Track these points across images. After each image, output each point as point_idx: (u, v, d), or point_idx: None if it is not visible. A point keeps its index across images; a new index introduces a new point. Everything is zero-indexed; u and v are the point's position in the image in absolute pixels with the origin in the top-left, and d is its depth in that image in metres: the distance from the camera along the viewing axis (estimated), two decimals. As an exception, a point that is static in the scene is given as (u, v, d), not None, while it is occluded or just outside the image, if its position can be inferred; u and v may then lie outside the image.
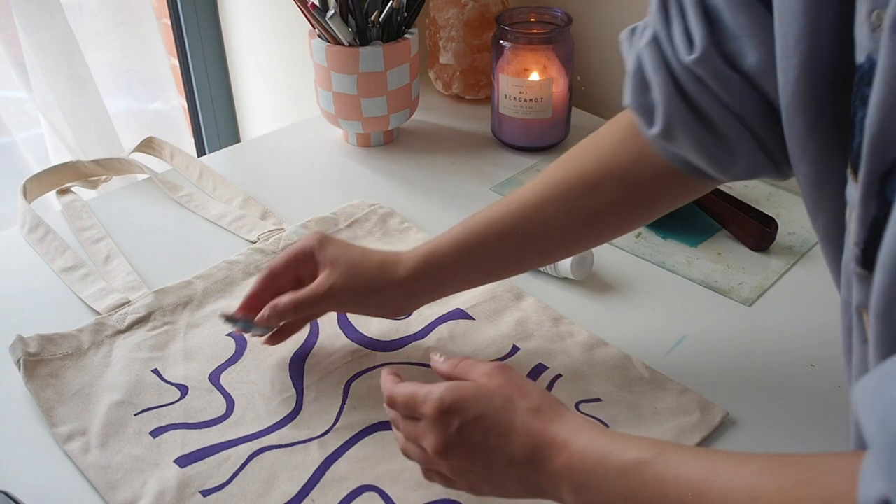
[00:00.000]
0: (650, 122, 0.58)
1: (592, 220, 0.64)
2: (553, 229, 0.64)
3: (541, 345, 0.71)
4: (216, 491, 0.58)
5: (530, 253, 0.66)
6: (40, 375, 0.66)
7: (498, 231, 0.64)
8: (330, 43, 0.95)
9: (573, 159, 0.64)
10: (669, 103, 0.56)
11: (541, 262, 0.68)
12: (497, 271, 0.67)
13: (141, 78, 1.41)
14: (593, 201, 0.63)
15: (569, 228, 0.64)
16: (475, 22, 1.09)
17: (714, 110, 0.55)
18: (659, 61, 0.55)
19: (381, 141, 1.05)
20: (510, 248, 0.65)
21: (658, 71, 0.55)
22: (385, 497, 0.58)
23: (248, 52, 1.35)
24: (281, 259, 0.66)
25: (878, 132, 0.36)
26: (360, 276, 0.64)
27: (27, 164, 1.29)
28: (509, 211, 0.64)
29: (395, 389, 0.54)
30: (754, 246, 0.84)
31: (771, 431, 0.63)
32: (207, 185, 0.95)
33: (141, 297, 0.75)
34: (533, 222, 0.64)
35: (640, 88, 0.58)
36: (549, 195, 0.63)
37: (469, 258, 0.65)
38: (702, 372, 0.69)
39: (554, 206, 0.63)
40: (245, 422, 0.64)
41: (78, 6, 1.28)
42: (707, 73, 0.53)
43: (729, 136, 0.56)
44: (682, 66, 0.54)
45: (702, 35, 0.52)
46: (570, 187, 0.63)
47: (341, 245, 0.66)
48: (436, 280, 0.65)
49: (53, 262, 0.81)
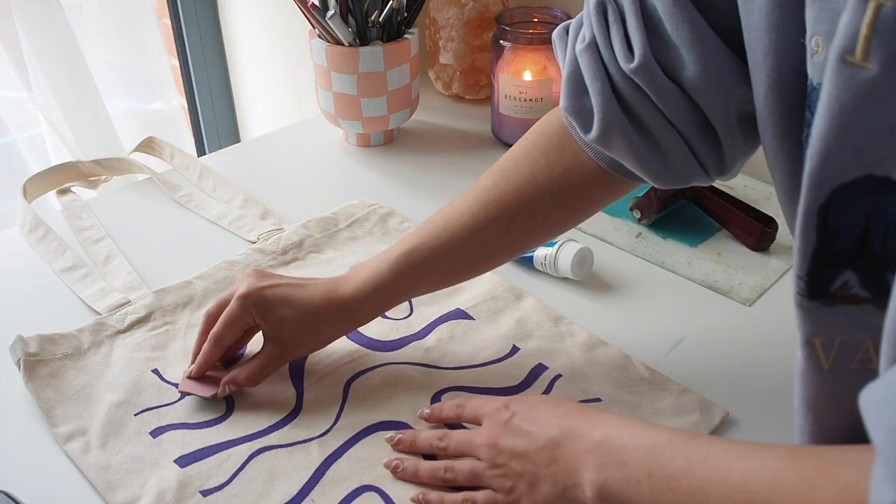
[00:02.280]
0: (586, 127, 0.58)
1: (529, 232, 0.65)
2: (492, 247, 0.65)
3: (541, 345, 0.71)
4: (216, 491, 0.58)
5: (471, 272, 0.68)
6: (40, 375, 0.66)
7: (440, 258, 0.64)
8: (330, 43, 0.95)
9: (506, 174, 0.64)
10: (606, 110, 0.55)
11: (479, 274, 0.69)
12: (436, 289, 0.68)
13: (141, 78, 1.41)
14: (530, 215, 0.63)
15: (507, 243, 0.65)
16: (475, 22, 1.09)
17: (650, 118, 0.55)
18: (597, 67, 0.55)
19: (381, 141, 1.05)
20: (452, 270, 0.66)
21: (596, 77, 0.55)
22: (385, 497, 0.58)
23: (248, 52, 1.35)
24: (223, 327, 0.64)
25: (818, 164, 0.36)
26: (306, 325, 0.64)
27: (27, 164, 1.29)
28: (450, 237, 0.64)
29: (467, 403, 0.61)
30: (754, 246, 0.84)
31: (771, 431, 0.63)
32: (207, 185, 0.95)
33: (141, 297, 0.75)
34: (473, 244, 0.64)
35: (576, 93, 0.57)
36: (486, 215, 0.63)
37: (412, 286, 0.65)
38: (702, 372, 0.69)
39: (493, 226, 0.63)
40: (245, 422, 0.64)
41: (78, 6, 1.28)
42: (645, 81, 0.53)
43: (663, 143, 0.56)
44: (620, 74, 0.54)
45: (641, 43, 0.52)
46: (507, 205, 0.63)
47: (277, 303, 0.63)
48: (378, 305, 0.65)
49: (53, 262, 0.81)
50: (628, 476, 0.48)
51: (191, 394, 0.65)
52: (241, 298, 0.63)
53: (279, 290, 0.64)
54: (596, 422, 0.52)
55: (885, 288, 0.37)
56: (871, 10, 0.33)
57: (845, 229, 0.37)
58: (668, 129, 0.55)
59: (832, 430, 0.43)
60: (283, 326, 0.64)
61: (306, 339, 0.65)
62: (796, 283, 0.40)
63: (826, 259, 0.38)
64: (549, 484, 0.52)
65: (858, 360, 0.39)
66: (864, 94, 0.34)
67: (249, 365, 0.65)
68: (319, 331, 0.65)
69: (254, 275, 0.65)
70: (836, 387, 0.41)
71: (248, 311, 0.63)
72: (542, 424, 0.54)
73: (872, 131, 0.34)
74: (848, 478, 0.37)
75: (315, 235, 0.85)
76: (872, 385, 0.32)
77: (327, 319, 0.64)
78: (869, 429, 0.32)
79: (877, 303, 0.38)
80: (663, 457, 0.47)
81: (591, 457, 0.50)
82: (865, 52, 0.33)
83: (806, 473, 0.40)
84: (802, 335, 0.41)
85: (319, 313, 0.64)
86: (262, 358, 0.65)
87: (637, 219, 0.88)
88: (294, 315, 0.63)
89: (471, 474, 0.56)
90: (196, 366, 0.66)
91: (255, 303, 0.63)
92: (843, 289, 0.38)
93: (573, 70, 0.57)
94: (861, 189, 0.35)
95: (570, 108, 0.58)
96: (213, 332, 0.65)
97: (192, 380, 0.66)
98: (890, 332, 0.32)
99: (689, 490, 0.44)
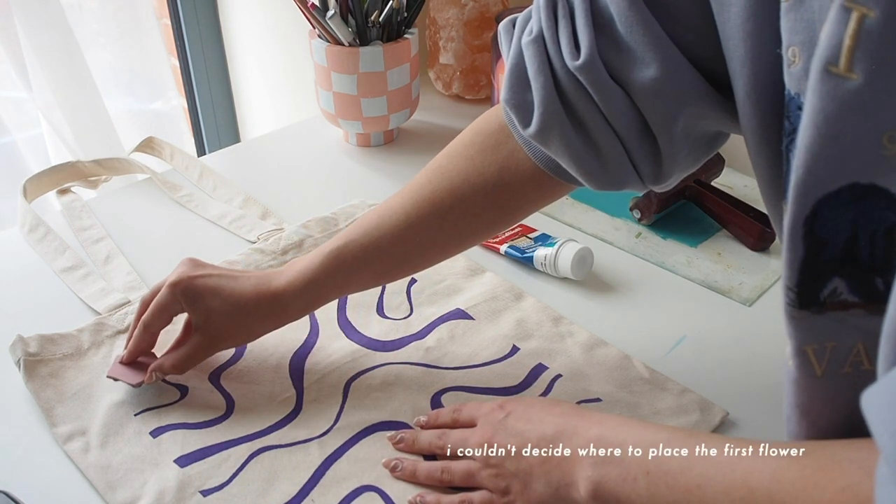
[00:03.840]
0: (525, 121, 0.57)
1: (461, 231, 0.64)
2: (424, 245, 0.64)
3: (541, 345, 0.71)
4: (216, 491, 0.58)
5: (404, 270, 0.67)
6: (40, 375, 0.66)
7: (372, 255, 0.64)
8: (330, 43, 0.95)
9: (440, 171, 0.64)
10: (547, 106, 0.55)
11: (412, 273, 0.69)
12: (369, 286, 0.68)
13: (141, 78, 1.41)
14: (462, 213, 0.63)
15: (439, 242, 0.65)
16: (475, 22, 1.09)
17: (590, 118, 0.54)
18: (541, 62, 0.54)
19: (381, 141, 1.05)
20: (384, 267, 0.65)
21: (540, 72, 0.54)
22: (385, 497, 0.58)
23: (248, 52, 1.35)
24: (152, 314, 0.64)
25: (803, 176, 0.36)
26: (234, 317, 0.64)
27: (27, 164, 1.29)
28: (382, 234, 0.63)
29: (463, 407, 0.61)
30: (754, 246, 0.84)
31: (771, 431, 0.63)
32: (207, 185, 0.95)
33: (141, 296, 0.75)
34: (405, 242, 0.64)
35: (518, 86, 0.56)
36: (419, 212, 0.63)
37: (344, 283, 0.65)
38: (702, 372, 0.69)
39: (426, 223, 0.63)
40: (245, 422, 0.64)
41: (78, 6, 1.28)
42: (589, 80, 0.52)
43: (601, 145, 0.55)
44: (564, 70, 0.53)
45: (588, 42, 0.51)
46: (440, 201, 0.63)
47: (206, 293, 0.63)
48: (309, 301, 0.65)
49: (53, 262, 0.81)
50: (625, 473, 0.48)
51: (119, 380, 0.65)
52: (170, 286, 0.63)
53: (209, 281, 0.64)
54: (592, 420, 0.52)
55: (875, 292, 0.37)
56: (854, 20, 0.33)
57: (832, 238, 0.37)
58: (606, 131, 0.54)
59: (828, 433, 0.43)
60: (211, 317, 0.63)
61: (234, 331, 0.65)
62: (785, 294, 0.40)
63: (814, 269, 0.38)
64: (543, 482, 0.52)
65: (850, 363, 0.39)
66: (848, 104, 0.34)
67: (176, 353, 0.65)
68: (247, 323, 0.64)
69: (188, 263, 0.65)
70: (830, 391, 0.41)
71: (176, 298, 0.63)
72: (536, 423, 0.54)
73: (857, 140, 0.34)
74: (850, 476, 0.37)
75: (315, 235, 0.85)
76: (874, 387, 0.32)
77: (256, 312, 0.64)
78: (873, 431, 0.32)
79: (867, 307, 0.38)
80: (662, 454, 0.47)
81: (586, 454, 0.50)
82: (849, 63, 0.33)
83: (807, 471, 0.40)
84: (794, 345, 0.41)
85: (248, 306, 0.63)
86: (189, 347, 0.64)
87: (637, 219, 0.88)
88: (222, 306, 0.63)
89: (466, 475, 0.56)
90: (127, 352, 0.66)
91: (183, 291, 0.63)
92: (833, 296, 0.38)
93: (517, 63, 0.56)
94: (846, 197, 0.35)
95: (511, 100, 0.57)
96: (143, 318, 0.65)
97: (123, 365, 0.66)
98: (889, 334, 0.32)
99: (688, 487, 0.44)
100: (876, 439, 0.31)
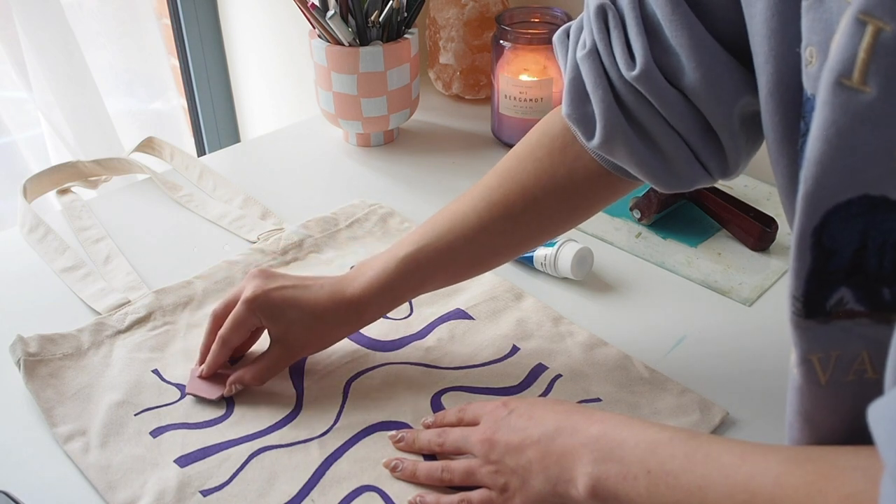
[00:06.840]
0: (589, 134, 0.58)
1: (533, 231, 0.65)
2: (497, 246, 0.65)
3: (541, 345, 0.71)
4: (216, 491, 0.58)
5: (475, 270, 0.68)
6: (40, 375, 0.66)
7: (446, 258, 0.64)
8: (330, 43, 0.95)
9: (510, 174, 0.64)
10: (609, 117, 0.55)
11: (482, 273, 0.69)
12: (440, 287, 0.68)
13: (141, 78, 1.41)
14: (535, 214, 0.64)
15: (511, 243, 0.66)
16: (475, 22, 1.09)
17: (653, 124, 0.55)
18: (598, 74, 0.55)
19: (381, 141, 1.05)
20: (457, 269, 0.66)
21: (598, 85, 0.55)
22: (385, 497, 0.58)
23: (248, 52, 1.35)
24: (230, 330, 0.64)
25: (812, 187, 0.36)
26: (313, 327, 0.64)
27: (27, 164, 1.29)
28: (455, 237, 0.64)
29: (468, 407, 0.61)
30: (754, 246, 0.84)
31: (771, 431, 0.63)
32: (207, 185, 0.95)
33: (141, 297, 0.75)
34: (478, 244, 0.64)
35: (578, 100, 0.57)
36: (492, 215, 0.64)
37: (418, 285, 0.66)
38: (702, 372, 0.69)
39: (499, 226, 0.64)
40: (245, 422, 0.64)
41: (78, 6, 1.28)
42: (647, 88, 0.53)
43: (667, 149, 0.56)
44: (622, 81, 0.54)
45: (643, 50, 0.52)
46: (512, 204, 0.63)
47: (285, 306, 0.63)
48: (384, 305, 0.66)
49: (53, 262, 0.81)
50: (625, 472, 0.48)
51: (198, 396, 0.65)
52: (247, 302, 0.63)
53: (286, 293, 0.64)
54: (594, 419, 0.52)
55: (881, 301, 0.37)
56: (869, 34, 0.32)
57: (840, 248, 0.37)
58: (670, 135, 0.55)
59: (830, 441, 0.43)
60: (291, 329, 0.64)
61: (313, 340, 0.66)
62: (791, 303, 0.40)
63: (821, 279, 0.38)
64: (542, 479, 0.52)
65: (854, 371, 0.39)
66: (861, 117, 0.33)
67: (256, 365, 0.65)
68: (325, 331, 0.65)
69: (260, 276, 0.65)
70: (833, 400, 0.41)
71: (255, 313, 0.64)
72: (538, 420, 0.54)
73: (869, 153, 0.34)
74: (854, 484, 0.37)
75: (315, 235, 0.85)
76: (881, 401, 0.32)
77: (334, 320, 0.64)
78: (879, 445, 0.31)
79: (872, 315, 0.38)
80: (663, 454, 0.46)
81: (586, 451, 0.50)
82: (863, 76, 0.33)
83: (811, 477, 0.39)
84: (799, 353, 0.41)
85: (327, 315, 0.64)
86: (268, 359, 0.65)
87: (637, 219, 0.88)
88: (301, 317, 0.64)
89: (466, 473, 0.56)
90: (206, 366, 0.66)
91: (262, 306, 0.63)
92: (839, 305, 0.38)
93: (575, 77, 0.57)
94: (856, 209, 0.35)
95: (573, 114, 0.58)
96: (221, 333, 0.65)
97: (201, 380, 0.66)
98: None
99: (689, 488, 0.44)
100: (882, 453, 0.31)
